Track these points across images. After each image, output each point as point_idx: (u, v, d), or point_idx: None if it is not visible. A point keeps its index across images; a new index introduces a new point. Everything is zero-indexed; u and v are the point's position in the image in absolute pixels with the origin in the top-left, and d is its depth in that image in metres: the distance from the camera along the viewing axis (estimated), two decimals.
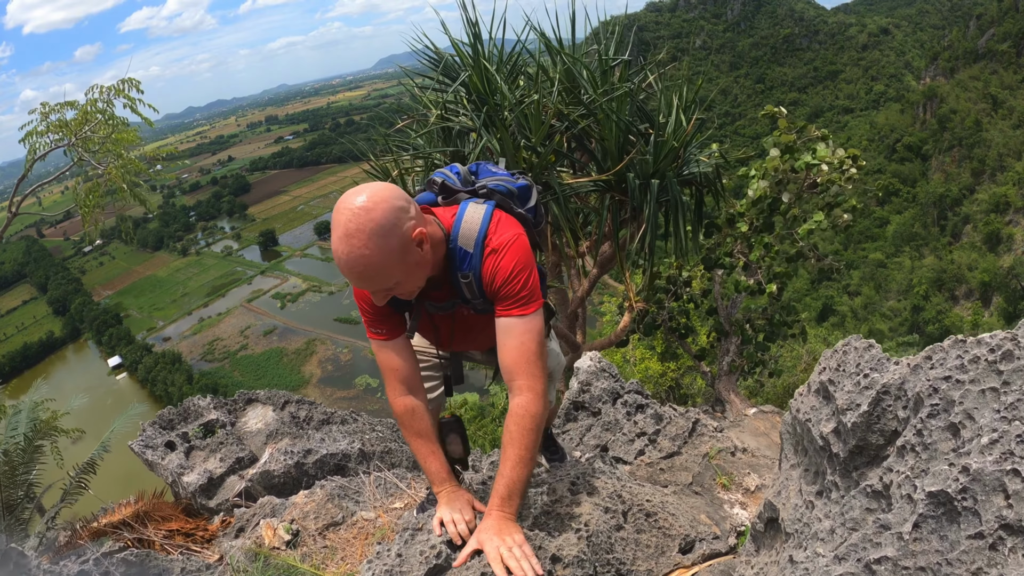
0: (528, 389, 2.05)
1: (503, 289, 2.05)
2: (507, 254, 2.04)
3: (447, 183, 2.30)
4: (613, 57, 5.72)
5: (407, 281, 1.96)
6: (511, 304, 2.07)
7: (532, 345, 2.06)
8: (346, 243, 1.82)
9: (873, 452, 1.38)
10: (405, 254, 1.89)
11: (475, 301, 2.15)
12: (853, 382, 1.44)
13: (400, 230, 1.85)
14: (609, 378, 4.15)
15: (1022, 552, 1.00)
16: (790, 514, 1.59)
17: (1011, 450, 1.08)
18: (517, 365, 2.05)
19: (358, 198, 1.83)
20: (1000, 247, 77.38)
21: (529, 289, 2.07)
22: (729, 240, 6.92)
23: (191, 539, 3.46)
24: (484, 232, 2.06)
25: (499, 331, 2.09)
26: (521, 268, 2.05)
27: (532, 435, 2.04)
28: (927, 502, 1.15)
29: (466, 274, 2.08)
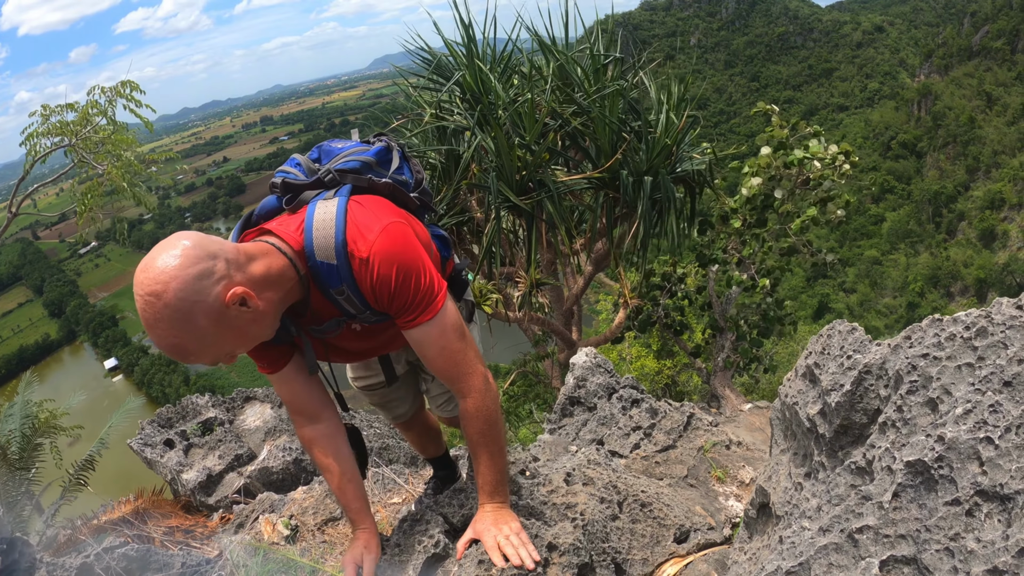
0: (470, 390, 1.90)
1: (395, 304, 1.77)
2: (381, 262, 1.70)
3: (288, 180, 1.90)
4: (605, 55, 5.76)
5: (243, 343, 1.66)
6: (412, 315, 1.80)
7: (454, 344, 1.86)
8: (153, 333, 1.52)
9: (857, 431, 1.42)
10: (224, 324, 1.55)
11: (361, 315, 1.84)
12: (837, 363, 1.48)
13: (206, 304, 1.50)
14: (604, 373, 4.18)
15: (997, 517, 1.04)
16: (780, 497, 1.63)
17: (984, 419, 1.12)
18: (449, 372, 1.89)
19: (146, 277, 1.48)
20: (995, 244, 77.71)
21: (424, 289, 1.78)
22: (723, 237, 6.96)
23: (191, 535, 3.49)
24: (342, 236, 1.71)
25: (413, 344, 1.87)
26: (404, 273, 1.72)
27: (493, 429, 1.93)
28: (905, 471, 1.18)
29: (340, 289, 1.75)
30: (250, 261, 1.62)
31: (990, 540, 1.04)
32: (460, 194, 5.87)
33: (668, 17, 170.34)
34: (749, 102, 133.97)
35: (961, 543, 1.08)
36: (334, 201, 1.76)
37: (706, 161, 5.83)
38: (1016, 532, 1.00)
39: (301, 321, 1.86)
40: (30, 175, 8.22)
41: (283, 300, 1.70)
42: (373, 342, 2.08)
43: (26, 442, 4.21)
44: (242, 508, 3.57)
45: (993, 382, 1.16)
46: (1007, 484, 1.05)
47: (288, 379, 1.97)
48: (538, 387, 9.19)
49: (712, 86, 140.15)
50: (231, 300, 1.53)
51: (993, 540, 1.03)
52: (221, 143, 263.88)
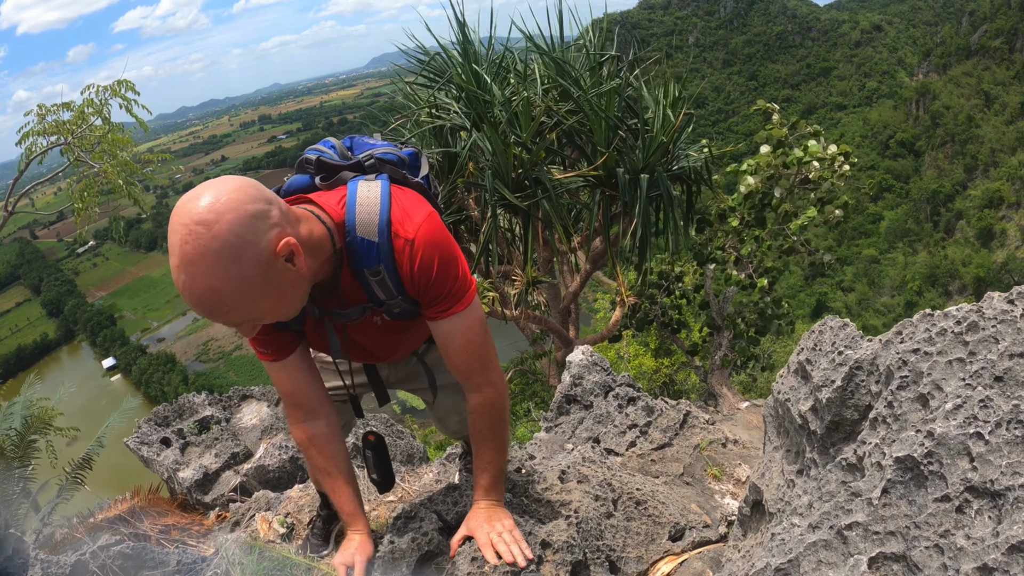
0: (487, 384, 1.88)
1: (432, 291, 1.72)
2: (425, 246, 1.66)
3: (323, 159, 1.85)
4: (601, 53, 5.76)
5: (277, 308, 1.52)
6: (446, 306, 1.77)
7: (479, 339, 1.83)
8: (185, 274, 1.35)
9: (849, 428, 1.42)
10: (269, 277, 1.44)
11: (391, 302, 1.77)
12: (828, 360, 1.48)
13: (258, 248, 1.39)
14: (601, 371, 4.18)
15: (988, 513, 1.03)
16: (773, 494, 1.63)
17: (974, 414, 1.11)
18: (470, 366, 1.86)
19: (196, 207, 1.34)
20: (993, 242, 77.78)
21: (460, 280, 1.75)
22: (721, 235, 6.96)
23: (187, 534, 3.48)
24: (387, 215, 1.65)
25: (438, 335, 1.83)
26: (447, 259, 1.70)
27: (501, 427, 1.94)
28: (895, 467, 1.18)
29: (376, 269, 1.68)
30: (297, 220, 1.54)
31: (980, 537, 1.03)
32: (457, 192, 5.87)
33: (666, 16, 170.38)
34: (747, 101, 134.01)
35: (951, 540, 1.07)
36: (377, 182, 1.72)
37: (703, 159, 5.83)
38: (1006, 529, 0.99)
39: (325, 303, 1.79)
40: (27, 174, 8.23)
41: (316, 272, 1.61)
42: (390, 341, 2.02)
43: (21, 439, 4.20)
44: (238, 506, 3.57)
45: (984, 377, 1.15)
46: (997, 480, 1.05)
47: (292, 368, 1.90)
48: (535, 385, 9.21)
49: (710, 85, 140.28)
50: (282, 250, 1.43)
51: (983, 537, 1.03)
52: (219, 142, 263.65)
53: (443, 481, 3.17)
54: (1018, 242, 75.14)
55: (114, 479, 5.47)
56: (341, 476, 2.01)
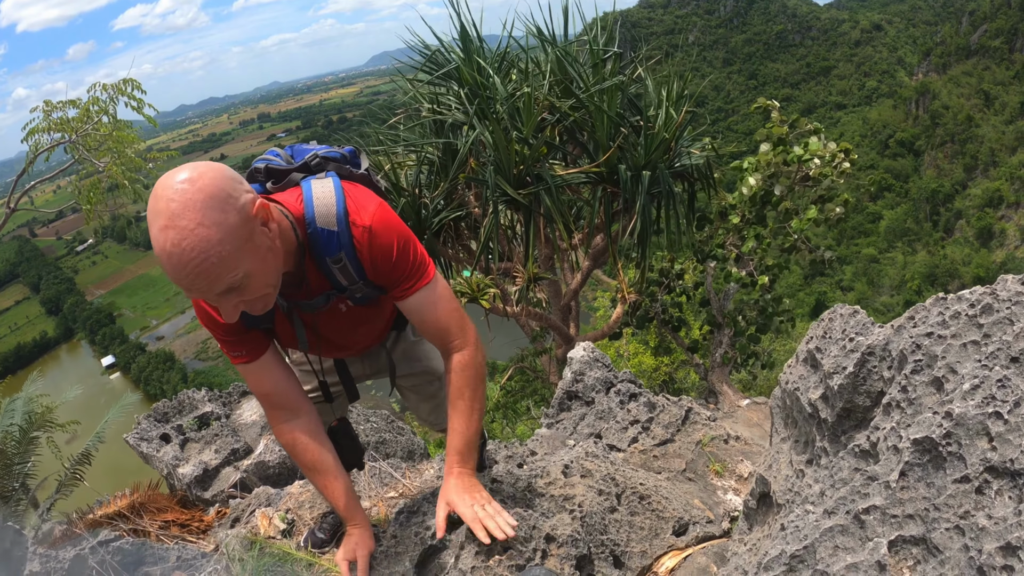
0: (466, 343, 1.94)
1: (394, 272, 1.83)
2: (381, 231, 1.77)
3: (272, 166, 1.94)
4: (604, 50, 5.74)
5: (258, 273, 1.56)
6: (411, 282, 1.87)
7: (449, 305, 1.93)
8: (172, 231, 1.39)
9: (860, 414, 1.40)
10: (251, 234, 1.51)
11: (353, 287, 1.86)
12: (839, 346, 1.46)
13: (239, 202, 1.48)
14: (602, 368, 4.17)
15: (1008, 493, 1.02)
16: (781, 485, 1.61)
17: (992, 394, 1.10)
18: (447, 331, 1.93)
19: (178, 175, 1.44)
20: (993, 242, 77.85)
21: (420, 256, 1.87)
22: (721, 232, 6.95)
23: (187, 530, 3.47)
24: (343, 205, 1.76)
25: (411, 312, 1.92)
26: (403, 241, 1.81)
27: (478, 383, 1.96)
28: (912, 450, 1.17)
29: (337, 257, 1.78)
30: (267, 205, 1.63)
31: (1002, 516, 1.02)
32: (458, 189, 5.85)
33: (666, 15, 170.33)
34: (747, 100, 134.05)
35: (972, 520, 1.06)
36: (328, 179, 1.83)
37: (705, 156, 5.81)
38: None
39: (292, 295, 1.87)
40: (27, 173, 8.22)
41: (285, 259, 1.69)
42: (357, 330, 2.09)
43: (23, 436, 4.18)
44: (238, 502, 3.56)
45: (1000, 358, 1.14)
46: (1018, 459, 1.03)
47: (267, 368, 1.94)
48: (535, 383, 9.20)
49: (710, 84, 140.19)
50: (258, 211, 1.53)
51: (1005, 516, 1.01)
52: (219, 140, 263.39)
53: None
54: (1017, 242, 75.24)
55: (113, 475, 5.45)
56: (331, 472, 2.02)
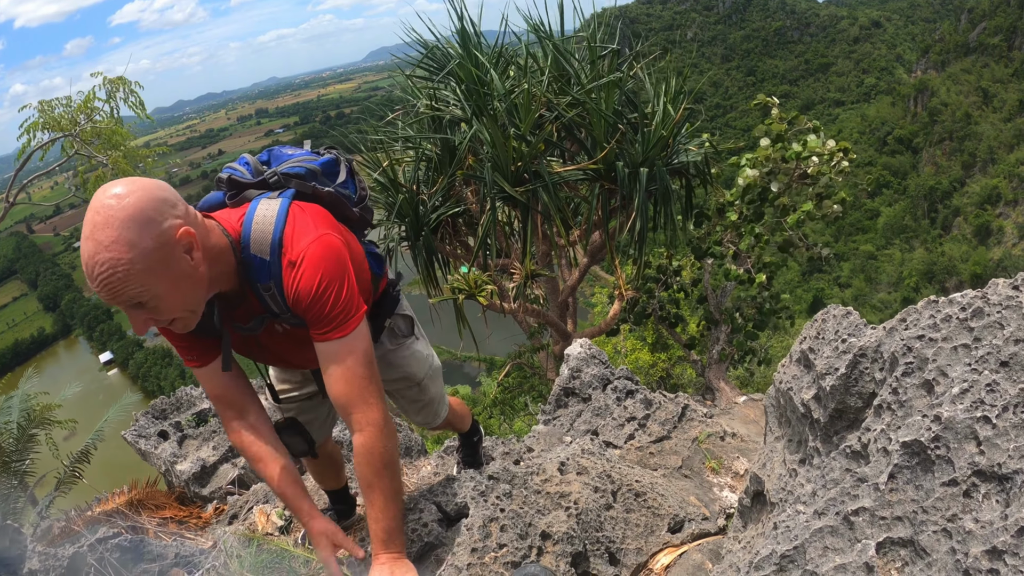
0: (367, 424, 1.81)
1: (311, 312, 1.75)
2: (307, 269, 1.71)
3: (234, 177, 1.93)
4: (602, 46, 5.74)
5: (168, 297, 1.56)
6: (325, 328, 1.77)
7: (359, 370, 1.80)
8: (91, 241, 1.45)
9: (852, 416, 1.41)
10: (166, 259, 1.51)
11: (284, 315, 1.82)
12: (832, 347, 1.47)
13: (159, 226, 1.49)
14: (599, 364, 4.18)
15: (995, 497, 1.03)
16: (774, 484, 1.63)
17: (981, 398, 1.11)
18: (348, 397, 1.81)
19: (111, 189, 1.48)
20: (990, 240, 77.97)
21: (343, 305, 1.76)
22: (719, 229, 6.96)
23: (185, 526, 3.48)
24: (279, 234, 1.73)
25: (320, 359, 1.82)
26: (327, 283, 1.72)
27: (388, 472, 1.84)
28: (901, 452, 1.18)
29: (267, 285, 1.75)
30: (204, 227, 1.65)
31: (988, 520, 1.03)
32: (455, 185, 5.85)
33: (665, 11, 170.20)
34: (745, 96, 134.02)
35: (959, 524, 1.07)
36: (277, 201, 1.79)
37: (703, 153, 5.82)
38: (1015, 512, 0.99)
39: (230, 314, 1.85)
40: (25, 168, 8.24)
41: (215, 280, 1.69)
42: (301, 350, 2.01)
43: (21, 433, 4.20)
44: (236, 499, 3.57)
45: (990, 362, 1.15)
46: (1005, 464, 1.04)
47: (217, 371, 1.93)
48: (533, 379, 9.21)
49: (709, 80, 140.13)
50: (181, 238, 1.53)
51: (991, 520, 1.02)
52: (216, 136, 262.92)
53: (441, 473, 3.17)
54: (1015, 239, 75.36)
55: (111, 472, 5.46)
56: (284, 469, 1.98)
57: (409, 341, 2.36)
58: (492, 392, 9.82)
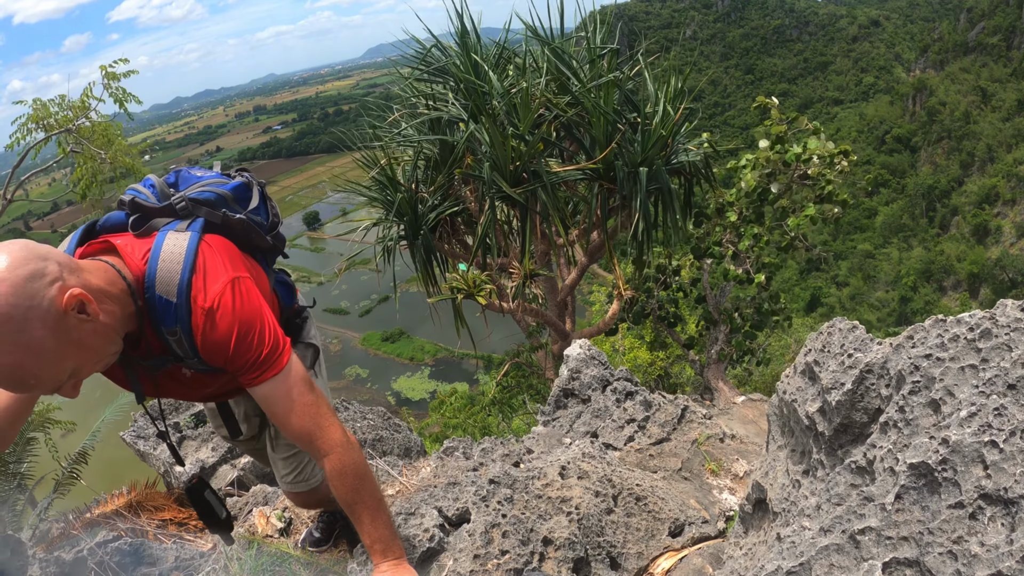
0: (331, 446, 1.74)
1: (237, 363, 1.67)
2: (219, 318, 1.61)
3: (138, 200, 1.76)
4: (601, 46, 5.74)
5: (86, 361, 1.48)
6: (256, 372, 1.69)
7: (305, 398, 1.73)
8: None
9: (857, 430, 1.42)
10: (63, 335, 1.38)
11: (190, 361, 1.70)
12: (837, 362, 1.47)
13: (41, 309, 1.33)
14: (598, 365, 4.17)
15: (1001, 521, 1.04)
16: (777, 494, 1.63)
17: (989, 422, 1.11)
18: (305, 429, 1.74)
19: None
20: (988, 239, 78.08)
21: (268, 345, 1.68)
22: (718, 229, 6.96)
23: (184, 528, 3.47)
24: (188, 276, 1.61)
25: (261, 403, 1.75)
26: (247, 330, 1.64)
27: (366, 483, 1.77)
28: (908, 473, 1.18)
29: (173, 329, 1.63)
30: (85, 270, 1.49)
31: (994, 544, 1.03)
32: (454, 184, 5.85)
33: (664, 8, 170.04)
34: (744, 95, 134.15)
35: (964, 546, 1.07)
36: (186, 236, 1.67)
37: (702, 153, 5.81)
38: (1020, 537, 0.99)
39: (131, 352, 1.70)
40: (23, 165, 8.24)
41: (123, 320, 1.56)
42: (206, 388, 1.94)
43: (20, 436, 4.19)
44: (236, 501, 3.56)
45: (997, 385, 1.15)
46: (1011, 488, 1.05)
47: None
48: (531, 378, 9.20)
49: (707, 79, 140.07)
50: (68, 304, 1.37)
51: (997, 544, 1.03)
52: (214, 132, 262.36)
53: (441, 475, 3.16)
54: (1012, 239, 75.48)
55: (110, 473, 5.46)
56: None
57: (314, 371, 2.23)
58: (491, 391, 9.81)
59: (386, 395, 57.26)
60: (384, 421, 4.88)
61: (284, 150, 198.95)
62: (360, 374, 70.85)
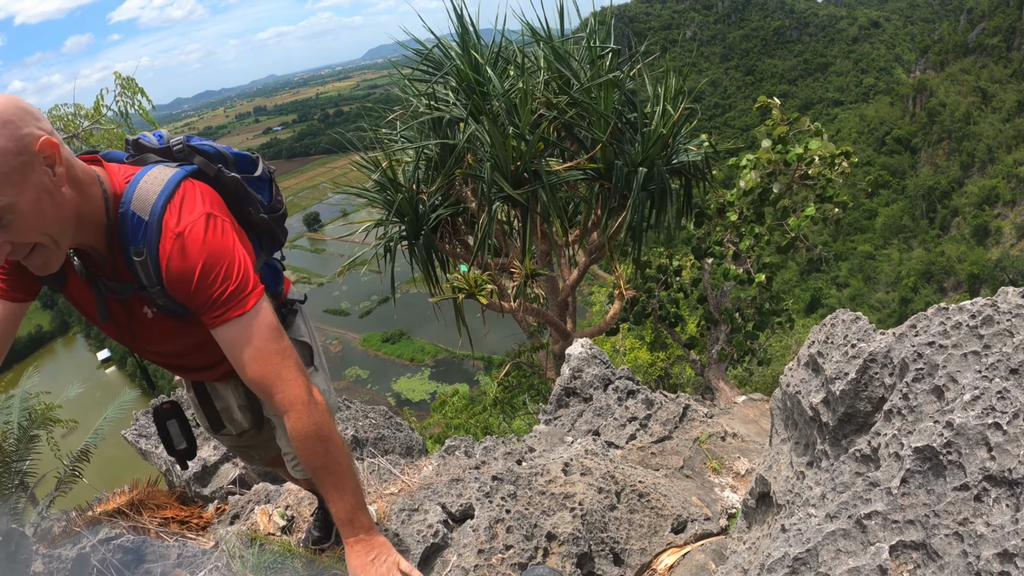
0: (291, 404, 1.62)
1: (200, 296, 1.58)
2: (188, 246, 1.55)
3: (141, 140, 1.78)
4: (601, 46, 5.75)
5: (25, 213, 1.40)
6: (221, 310, 1.59)
7: (269, 345, 1.62)
8: None
9: (861, 420, 1.43)
10: (24, 167, 1.38)
11: (153, 290, 1.62)
12: (841, 352, 1.48)
13: (20, 131, 1.37)
14: (600, 364, 4.18)
15: (1006, 502, 1.05)
16: (781, 486, 1.63)
17: (992, 405, 1.13)
18: (264, 379, 1.62)
19: None
20: (988, 240, 78.11)
21: (237, 282, 1.59)
22: (719, 229, 6.97)
23: (186, 527, 3.48)
24: (165, 199, 1.57)
25: (223, 346, 1.64)
26: (215, 261, 1.57)
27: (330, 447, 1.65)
28: (913, 457, 1.20)
29: (140, 250, 1.57)
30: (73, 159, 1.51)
31: (999, 524, 1.05)
32: (455, 184, 5.86)
33: (664, 9, 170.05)
34: (744, 96, 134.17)
35: (970, 527, 1.09)
36: (173, 169, 1.65)
37: (703, 153, 5.82)
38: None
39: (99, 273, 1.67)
40: None
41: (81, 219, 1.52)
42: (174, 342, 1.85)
43: (23, 433, 4.19)
44: (237, 499, 3.57)
45: (1000, 369, 1.17)
46: (1015, 469, 1.06)
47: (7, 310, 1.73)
48: (532, 378, 9.21)
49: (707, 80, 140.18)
50: (43, 147, 1.40)
51: (1002, 524, 1.04)
52: (214, 133, 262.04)
53: (443, 473, 3.17)
54: (1013, 239, 75.51)
55: (112, 471, 5.46)
56: None
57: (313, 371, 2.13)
58: (492, 391, 9.82)
59: (386, 396, 57.30)
60: (386, 420, 4.89)
61: (284, 151, 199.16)
62: (360, 375, 70.88)
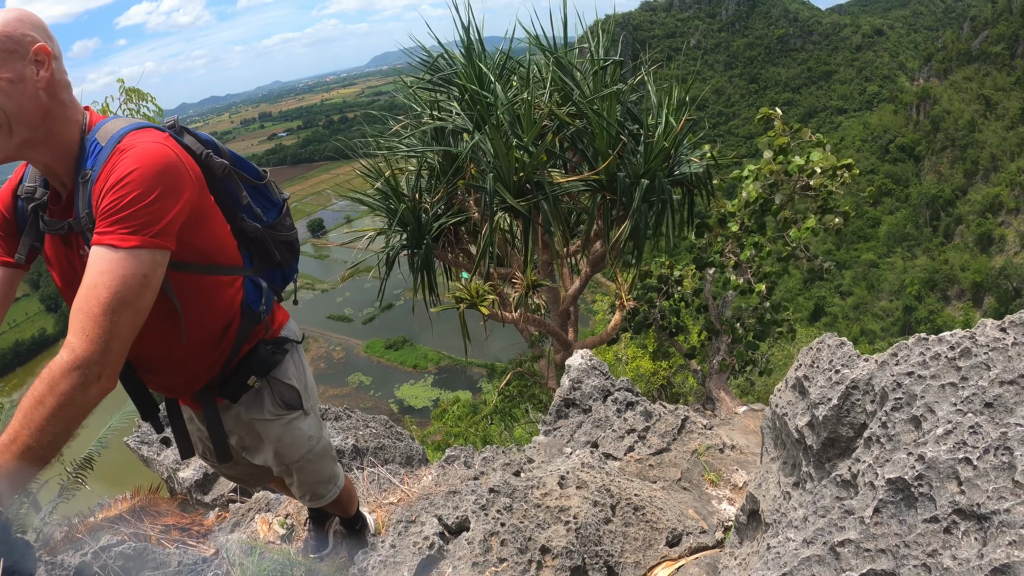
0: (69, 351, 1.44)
1: (106, 198, 1.48)
2: (129, 156, 1.50)
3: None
4: (605, 57, 5.78)
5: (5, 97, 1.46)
6: (107, 226, 1.47)
7: (104, 293, 1.45)
8: None
9: (844, 444, 1.45)
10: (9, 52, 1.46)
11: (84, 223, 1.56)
12: (825, 377, 1.51)
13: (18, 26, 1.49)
14: (600, 376, 4.21)
15: (974, 535, 1.07)
16: (769, 505, 1.66)
17: (964, 440, 1.16)
18: (74, 313, 1.48)
19: None
20: (992, 248, 77.91)
21: (145, 211, 1.48)
22: (720, 240, 6.99)
23: (187, 534, 3.50)
24: (129, 129, 1.57)
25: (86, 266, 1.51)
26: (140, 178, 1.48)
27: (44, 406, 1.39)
28: (886, 488, 1.22)
29: (86, 172, 1.55)
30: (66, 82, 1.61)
31: (966, 558, 1.07)
32: (458, 193, 5.89)
33: (668, 18, 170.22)
34: (748, 104, 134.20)
35: (938, 560, 1.11)
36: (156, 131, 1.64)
37: (704, 165, 5.85)
38: (991, 551, 1.03)
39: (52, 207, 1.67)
40: None
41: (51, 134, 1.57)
42: None
43: None
44: (238, 506, 3.59)
45: (975, 403, 1.19)
46: (984, 504, 1.09)
47: None
48: (534, 388, 9.23)
49: (711, 88, 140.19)
50: (37, 52, 1.50)
51: (969, 558, 1.06)
52: (219, 139, 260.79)
53: (442, 484, 3.19)
54: (1017, 248, 75.31)
55: (114, 478, 5.49)
56: None
57: (291, 416, 2.01)
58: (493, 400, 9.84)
59: (389, 403, 57.24)
60: (386, 429, 4.91)
61: (289, 157, 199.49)
62: (363, 381, 70.84)
